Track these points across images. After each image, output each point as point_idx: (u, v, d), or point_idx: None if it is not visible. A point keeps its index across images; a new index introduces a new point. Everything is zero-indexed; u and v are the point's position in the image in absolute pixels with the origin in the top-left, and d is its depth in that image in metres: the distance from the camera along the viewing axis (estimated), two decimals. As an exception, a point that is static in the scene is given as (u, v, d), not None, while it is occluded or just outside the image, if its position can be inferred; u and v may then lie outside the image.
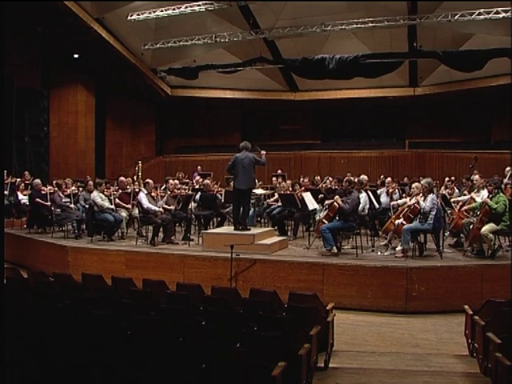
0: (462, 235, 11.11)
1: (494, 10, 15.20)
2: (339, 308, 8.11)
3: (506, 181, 13.55)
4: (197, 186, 14.95)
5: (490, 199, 9.81)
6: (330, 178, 15.54)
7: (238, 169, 10.67)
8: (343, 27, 16.99)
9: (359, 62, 17.35)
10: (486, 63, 16.79)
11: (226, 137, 24.86)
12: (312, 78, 19.60)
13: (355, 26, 16.86)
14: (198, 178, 16.74)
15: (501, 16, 15.16)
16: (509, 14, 14.96)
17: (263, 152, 11.01)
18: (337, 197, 10.28)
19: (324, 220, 10.39)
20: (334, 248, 10.14)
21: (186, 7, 16.82)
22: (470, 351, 6.65)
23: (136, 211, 12.27)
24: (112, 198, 12.34)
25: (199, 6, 16.67)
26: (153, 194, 12.03)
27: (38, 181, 13.39)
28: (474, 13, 15.44)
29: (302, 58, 17.95)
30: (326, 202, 10.98)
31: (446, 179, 15.04)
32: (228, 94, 23.69)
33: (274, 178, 16.77)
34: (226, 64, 19.62)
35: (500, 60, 16.79)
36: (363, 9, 16.87)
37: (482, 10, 15.31)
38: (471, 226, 10.14)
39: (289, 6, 17.11)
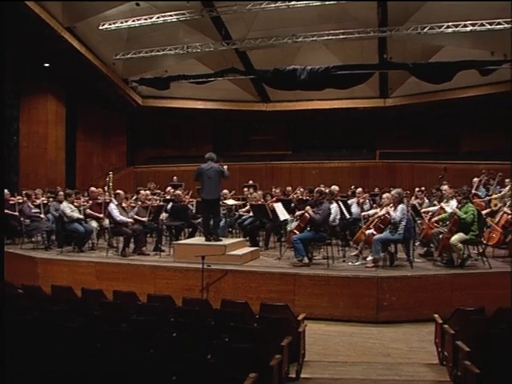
0: (431, 245, 11.24)
1: (462, 23, 15.48)
2: (311, 318, 8.12)
3: (474, 191, 13.81)
4: (168, 197, 14.87)
5: (459, 209, 9.96)
6: (302, 189, 15.60)
7: (204, 180, 10.73)
8: (314, 39, 17.15)
9: (330, 73, 17.46)
10: (455, 75, 17.05)
11: (197, 147, 24.74)
12: (283, 88, 19.69)
13: (326, 37, 17.05)
14: (169, 188, 16.66)
15: (468, 29, 15.47)
16: (476, 27, 15.27)
17: (225, 166, 11.07)
18: (308, 207, 10.33)
19: (295, 230, 10.44)
20: (306, 258, 10.18)
21: (158, 17, 16.82)
22: (440, 360, 6.72)
23: (107, 222, 12.15)
24: (82, 208, 12.21)
25: (171, 16, 16.67)
26: (124, 204, 11.93)
27: (6, 191, 13.18)
28: (442, 26, 15.72)
29: (274, 68, 18.03)
30: (297, 213, 11.04)
31: (416, 189, 15.18)
32: (200, 105, 23.68)
33: (245, 189, 16.77)
34: (197, 74, 19.61)
35: (468, 72, 17.06)
36: (334, 20, 17.03)
37: (451, 23, 15.59)
38: (441, 236, 10.27)
39: (261, 17, 17.20)
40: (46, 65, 20.52)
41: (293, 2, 15.36)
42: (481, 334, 5.59)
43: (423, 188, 15.44)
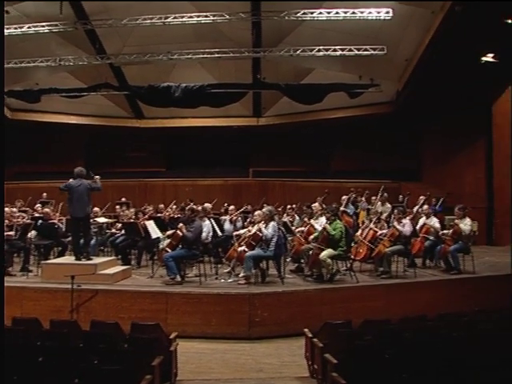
0: (302, 261, 11.58)
1: (332, 47, 16.19)
2: (183, 337, 8.06)
3: (342, 208, 14.44)
4: (36, 215, 14.19)
5: (328, 225, 10.36)
6: (174, 206, 15.49)
7: (74, 196, 10.37)
8: (190, 56, 17.17)
9: (205, 91, 17.61)
10: (325, 97, 17.82)
11: (69, 163, 23.73)
12: (158, 105, 19.54)
13: (202, 55, 17.11)
14: (38, 205, 15.89)
15: (338, 53, 16.20)
16: (345, 52, 16.06)
17: (97, 177, 10.80)
18: (181, 225, 10.30)
19: (167, 248, 10.35)
20: (178, 276, 10.14)
21: (29, 27, 16.02)
22: (310, 373, 6.90)
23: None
24: None
25: (43, 26, 15.94)
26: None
27: None
28: (314, 49, 16.32)
29: (148, 85, 17.87)
30: (168, 231, 11.00)
31: (288, 207, 15.64)
32: (72, 120, 22.82)
33: (117, 206, 16.40)
34: (70, 88, 18.95)
35: (338, 94, 17.92)
36: (210, 39, 17.19)
37: (322, 46, 16.25)
38: (311, 252, 10.62)
39: (136, 32, 16.97)
40: None
41: (169, 20, 15.31)
42: (347, 346, 5.82)
43: (294, 205, 15.90)
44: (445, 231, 12.12)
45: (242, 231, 11.86)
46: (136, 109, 22.60)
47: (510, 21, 12.28)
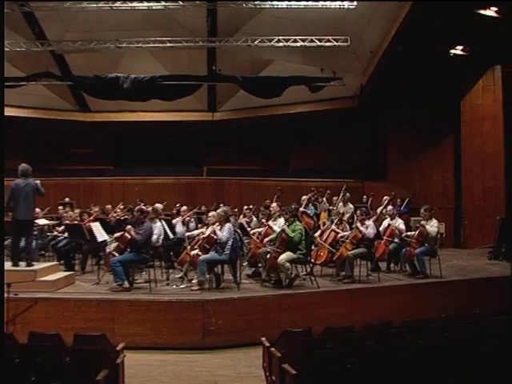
0: (259, 265, 11.59)
1: (293, 38, 16.23)
2: (132, 348, 8.00)
3: (302, 209, 14.49)
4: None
5: (287, 227, 10.38)
6: (122, 207, 15.29)
7: (19, 198, 10.13)
8: (139, 45, 16.94)
9: (156, 83, 17.45)
10: (285, 90, 17.88)
11: (9, 160, 23.24)
12: (105, 98, 19.28)
13: (152, 44, 16.90)
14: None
15: (299, 44, 16.25)
16: (306, 43, 16.12)
17: (37, 181, 10.59)
18: (129, 227, 10.18)
19: (115, 252, 10.24)
20: (126, 282, 10.04)
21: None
22: (268, 384, 6.90)
23: None
24: None
25: (-27, 8, 15.57)
26: None
27: None
28: (273, 39, 16.32)
29: (94, 75, 17.59)
30: (116, 234, 10.87)
31: (245, 207, 15.63)
32: (10, 112, 22.30)
33: (60, 207, 16.13)
34: (7, 77, 18.54)
35: (298, 88, 18.01)
36: (161, 27, 17.01)
37: (281, 37, 16.24)
38: (268, 256, 10.62)
39: (80, 17, 16.62)
40: None
41: (117, 4, 15.04)
42: (307, 355, 5.82)
43: (251, 206, 15.90)
44: (410, 233, 12.28)
45: (195, 232, 11.82)
46: (81, 101, 22.22)
47: (481, 11, 12.45)
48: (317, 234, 12.36)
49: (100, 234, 11.46)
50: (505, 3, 11.96)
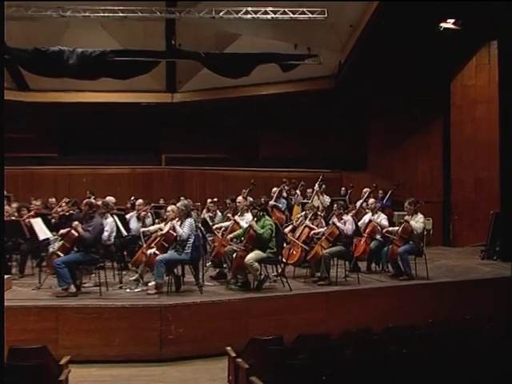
0: (225, 265, 11.57)
1: (263, 9, 16.18)
2: (78, 362, 7.97)
3: (272, 202, 14.51)
4: None
5: (256, 223, 10.37)
6: (68, 200, 15.11)
7: None
8: (87, 14, 16.68)
9: (106, 58, 17.24)
10: (253, 69, 17.81)
11: None
12: (47, 75, 19.01)
13: (102, 14, 16.69)
14: None
15: (269, 17, 16.22)
16: (278, 15, 16.07)
17: None
18: (76, 223, 10.07)
19: (59, 252, 10.11)
20: (72, 286, 9.93)
21: None
22: (233, 400, 6.90)
23: None
24: None
25: None
26: None
27: None
28: (240, 11, 16.25)
29: (34, 48, 17.30)
30: (61, 231, 10.73)
31: (209, 201, 15.57)
32: None
33: (-5, 200, 15.90)
34: None
35: (269, 66, 17.94)
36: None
37: (250, 8, 16.21)
38: (234, 255, 10.60)
39: (17, -20, 16.42)
40: None
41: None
42: (278, 366, 5.83)
43: (216, 199, 15.85)
44: (392, 228, 12.35)
45: (151, 228, 11.75)
46: (18, 78, 21.90)
47: None
48: (288, 229, 12.37)
49: (42, 232, 11.35)
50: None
